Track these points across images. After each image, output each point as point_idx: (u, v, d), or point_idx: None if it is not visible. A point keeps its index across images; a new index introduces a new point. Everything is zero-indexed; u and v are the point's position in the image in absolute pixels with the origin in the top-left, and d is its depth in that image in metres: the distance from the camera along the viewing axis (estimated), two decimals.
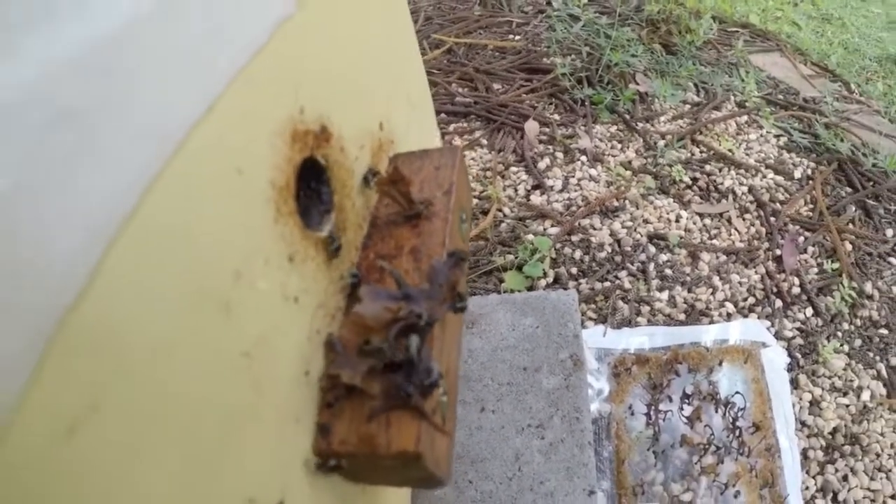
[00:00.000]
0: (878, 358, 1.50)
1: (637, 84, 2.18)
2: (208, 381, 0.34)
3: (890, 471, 1.30)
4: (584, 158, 1.90)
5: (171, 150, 0.31)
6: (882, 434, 1.36)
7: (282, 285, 0.42)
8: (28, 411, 0.23)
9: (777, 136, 2.08)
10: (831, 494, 1.26)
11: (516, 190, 1.80)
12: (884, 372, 1.47)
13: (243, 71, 0.37)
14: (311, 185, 0.49)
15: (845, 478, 1.29)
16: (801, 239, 1.75)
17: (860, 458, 1.31)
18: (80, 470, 0.25)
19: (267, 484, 0.39)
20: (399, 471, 0.46)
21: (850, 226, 1.81)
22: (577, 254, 1.62)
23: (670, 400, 1.33)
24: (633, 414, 1.30)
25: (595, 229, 1.69)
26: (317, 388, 0.46)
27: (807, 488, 1.25)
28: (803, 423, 1.35)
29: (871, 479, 1.29)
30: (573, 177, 1.84)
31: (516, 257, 1.59)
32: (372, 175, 0.58)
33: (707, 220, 1.77)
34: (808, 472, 1.28)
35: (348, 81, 0.55)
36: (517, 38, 2.40)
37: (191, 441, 0.32)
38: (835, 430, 1.35)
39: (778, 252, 1.70)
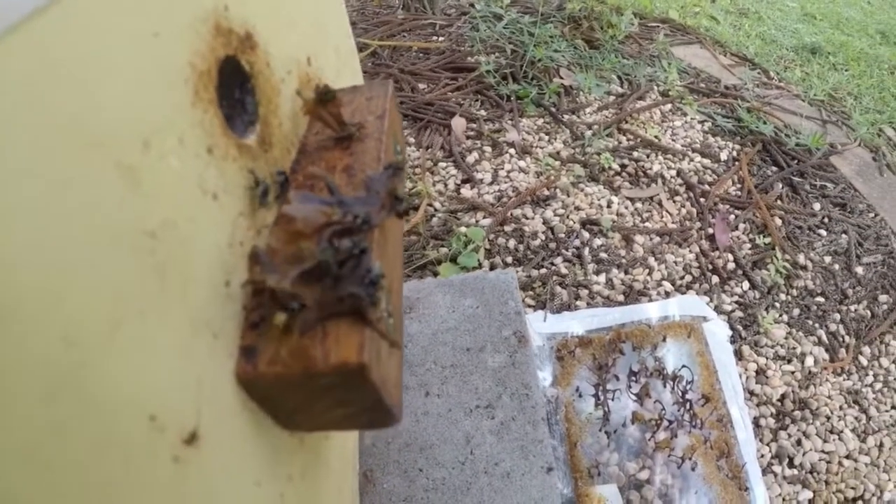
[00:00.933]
0: (817, 325, 1.49)
1: (561, 78, 2.17)
2: (99, 246, 0.28)
3: (842, 432, 1.29)
4: (512, 151, 1.87)
5: None
6: (829, 397, 1.34)
7: (199, 175, 0.37)
8: None
9: (701, 122, 2.10)
10: (787, 459, 1.23)
11: (446, 185, 1.75)
12: (824, 338, 1.46)
13: None
14: (235, 94, 0.46)
15: (799, 442, 1.26)
16: (732, 217, 1.75)
17: (811, 421, 1.29)
18: None
19: (173, 403, 0.32)
20: (339, 396, 0.39)
21: (779, 202, 1.83)
22: (511, 243, 1.58)
23: (617, 379, 1.28)
24: (580, 396, 1.25)
25: (528, 218, 1.65)
26: (239, 305, 0.40)
27: (762, 455, 1.22)
28: (751, 392, 1.32)
29: (825, 441, 1.27)
30: (502, 169, 1.81)
31: (450, 250, 1.53)
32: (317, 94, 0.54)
33: (638, 204, 1.75)
34: (761, 440, 1.25)
35: (274, 3, 0.53)
36: (441, 39, 2.37)
37: (65, 311, 0.26)
38: (783, 397, 1.33)
39: (710, 231, 1.69)
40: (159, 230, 0.33)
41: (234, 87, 0.46)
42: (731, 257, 1.62)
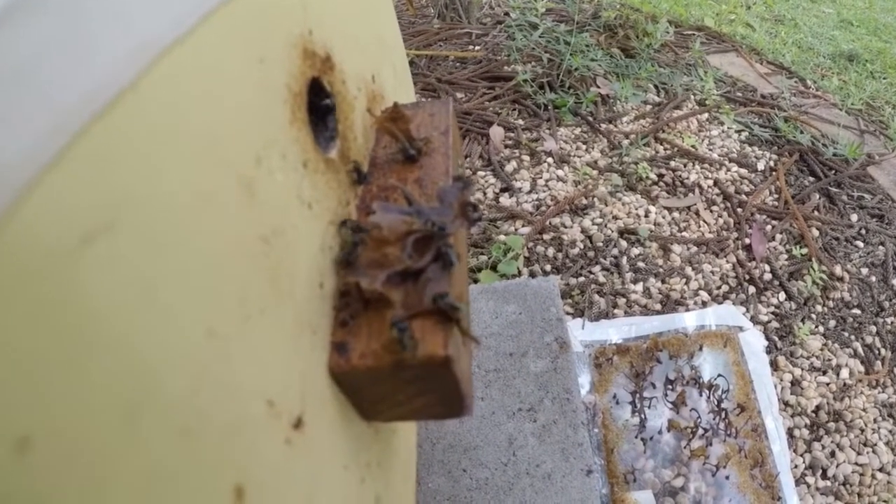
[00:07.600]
0: (853, 337, 1.51)
1: (598, 87, 2.20)
2: (228, 250, 0.32)
3: (875, 445, 1.30)
4: (550, 160, 1.90)
5: (199, 17, 0.32)
6: (864, 409, 1.36)
7: (297, 186, 0.41)
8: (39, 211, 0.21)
9: (738, 131, 2.11)
10: (820, 471, 1.25)
11: (485, 193, 1.79)
12: (860, 350, 1.48)
13: None
14: (317, 112, 0.50)
15: (832, 454, 1.28)
16: (769, 227, 1.77)
17: (845, 433, 1.31)
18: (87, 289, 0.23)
19: (286, 390, 0.36)
20: (422, 387, 0.43)
21: (815, 212, 1.84)
22: (550, 251, 1.62)
23: (654, 387, 1.31)
24: (617, 403, 1.29)
25: (566, 227, 1.69)
26: (330, 304, 0.43)
27: (796, 466, 1.24)
28: (786, 403, 1.34)
29: (858, 453, 1.29)
30: (541, 178, 1.84)
31: (490, 258, 1.57)
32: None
33: (675, 214, 1.77)
34: (795, 451, 1.27)
35: (345, 25, 0.56)
36: (477, 48, 2.41)
37: (208, 307, 0.30)
38: (818, 408, 1.35)
39: (747, 241, 1.71)
40: (271, 236, 0.36)
41: (317, 106, 0.49)
42: (767, 268, 1.64)
